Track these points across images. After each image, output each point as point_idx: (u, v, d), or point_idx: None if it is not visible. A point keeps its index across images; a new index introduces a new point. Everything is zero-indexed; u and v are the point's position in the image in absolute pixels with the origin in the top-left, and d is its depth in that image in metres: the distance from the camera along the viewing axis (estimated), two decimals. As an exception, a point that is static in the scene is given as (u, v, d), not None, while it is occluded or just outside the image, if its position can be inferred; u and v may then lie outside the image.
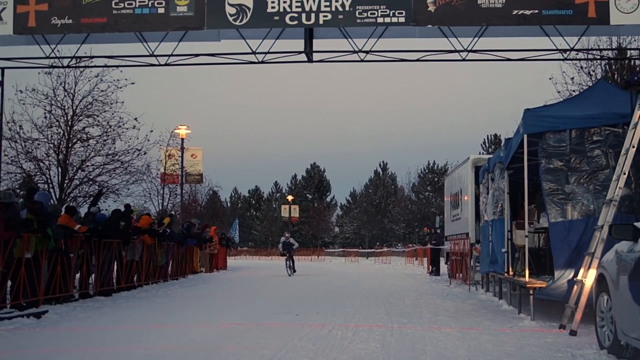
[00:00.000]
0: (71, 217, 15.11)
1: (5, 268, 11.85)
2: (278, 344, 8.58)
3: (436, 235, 29.40)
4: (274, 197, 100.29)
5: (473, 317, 11.92)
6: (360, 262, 52.90)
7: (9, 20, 11.36)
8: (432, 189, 76.08)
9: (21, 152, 21.88)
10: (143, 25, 11.70)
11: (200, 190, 51.24)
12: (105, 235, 16.39)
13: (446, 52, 12.09)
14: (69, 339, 9.56)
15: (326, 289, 19.87)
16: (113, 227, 16.88)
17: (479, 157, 22.30)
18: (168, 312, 13.03)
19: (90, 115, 22.81)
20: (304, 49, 12.24)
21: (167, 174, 36.26)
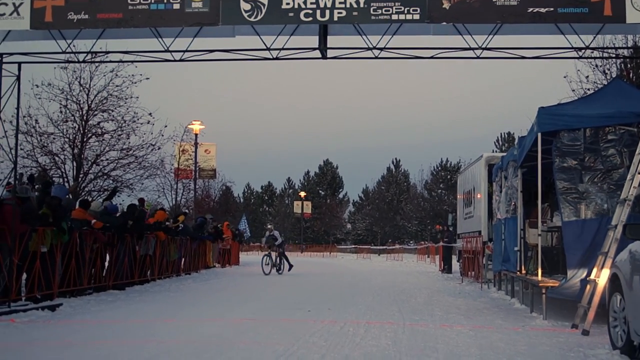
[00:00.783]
0: (85, 211, 15.22)
1: (21, 261, 11.97)
2: (290, 340, 8.63)
3: (448, 233, 29.36)
4: (286, 193, 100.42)
5: (485, 316, 11.92)
6: (372, 259, 52.88)
7: (26, 15, 11.42)
8: (445, 187, 75.85)
9: (37, 146, 22.08)
10: (158, 20, 11.71)
11: (213, 186, 51.43)
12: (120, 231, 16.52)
13: (460, 50, 12.02)
14: (83, 332, 9.65)
15: (338, 285, 19.90)
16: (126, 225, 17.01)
17: (492, 155, 22.25)
18: (181, 307, 13.10)
19: (105, 110, 22.96)
20: (319, 46, 12.22)
21: (180, 169, 36.40)
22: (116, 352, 7.83)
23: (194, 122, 36.49)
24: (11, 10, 11.39)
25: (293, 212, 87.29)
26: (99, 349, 8.02)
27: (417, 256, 48.33)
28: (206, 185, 48.50)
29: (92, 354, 7.72)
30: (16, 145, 12.65)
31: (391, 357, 7.52)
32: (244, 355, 7.59)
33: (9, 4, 11.39)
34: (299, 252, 71.93)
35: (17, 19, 11.41)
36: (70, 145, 22.35)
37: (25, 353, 7.84)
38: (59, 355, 7.68)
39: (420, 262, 42.78)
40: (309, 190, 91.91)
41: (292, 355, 7.54)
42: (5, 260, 11.42)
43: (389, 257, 53.37)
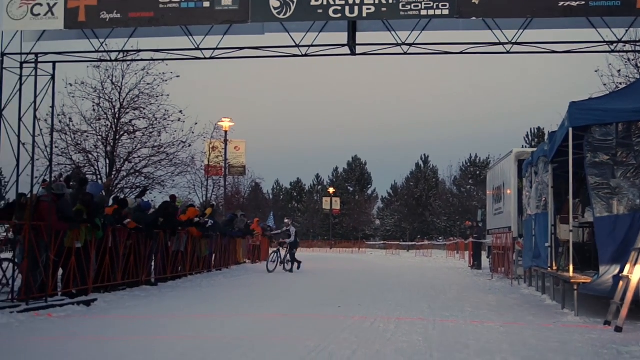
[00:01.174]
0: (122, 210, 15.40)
1: (57, 257, 12.18)
2: (321, 336, 8.68)
3: (478, 229, 29.20)
4: (315, 189, 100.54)
5: (516, 312, 11.87)
6: (401, 255, 52.78)
7: (60, 16, 11.60)
8: (474, 183, 75.37)
9: (71, 144, 22.38)
10: (189, 19, 11.82)
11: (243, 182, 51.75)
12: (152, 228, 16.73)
13: (490, 45, 11.95)
14: (118, 327, 9.81)
15: (367, 281, 19.91)
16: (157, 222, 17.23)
17: (522, 150, 22.09)
18: (212, 302, 13.23)
19: (136, 108, 23.19)
20: (347, 42, 12.23)
21: (211, 166, 36.66)
22: (150, 347, 7.96)
23: (224, 119, 36.67)
24: (46, 10, 11.59)
25: (322, 209, 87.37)
26: (134, 344, 8.16)
27: (446, 252, 48.16)
28: (236, 181, 48.83)
29: (127, 348, 7.85)
30: (51, 144, 12.85)
31: (422, 353, 7.54)
32: (276, 350, 7.66)
33: (44, 5, 11.59)
34: (328, 248, 72.03)
35: (51, 19, 11.60)
36: (103, 143, 22.64)
37: (63, 347, 7.99)
38: (95, 349, 7.83)
39: (450, 258, 42.61)
40: (338, 186, 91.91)
41: (324, 351, 7.59)
42: (42, 256, 11.65)
43: (418, 253, 53.23)
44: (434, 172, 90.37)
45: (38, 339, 8.60)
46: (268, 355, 7.39)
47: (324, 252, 62.98)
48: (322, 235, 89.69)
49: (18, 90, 11.67)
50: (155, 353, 7.49)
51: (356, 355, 7.36)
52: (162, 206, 18.41)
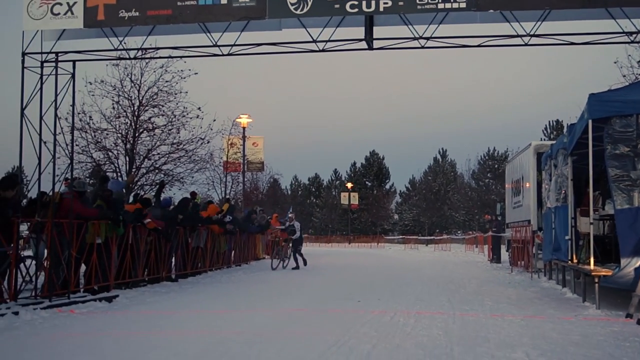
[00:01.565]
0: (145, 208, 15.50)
1: (79, 254, 12.31)
2: (341, 330, 8.70)
3: (497, 223, 29.11)
4: (333, 184, 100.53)
5: (536, 305, 11.84)
6: (420, 250, 52.69)
7: (79, 14, 11.70)
8: (492, 176, 75.03)
9: (91, 141, 22.60)
10: (207, 16, 11.87)
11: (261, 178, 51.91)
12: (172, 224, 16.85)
13: (508, 37, 11.89)
14: (139, 322, 9.90)
15: (386, 276, 19.92)
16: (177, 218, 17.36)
17: (540, 143, 21.98)
18: (232, 298, 13.31)
19: (155, 105, 23.34)
20: (364, 37, 12.22)
21: (229, 162, 36.80)
22: (172, 342, 8.02)
23: (242, 115, 36.81)
24: (65, 9, 11.69)
25: (340, 204, 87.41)
26: (156, 339, 8.23)
27: (465, 246, 48.03)
28: (254, 177, 48.96)
29: (149, 343, 7.93)
30: (72, 142, 13.00)
31: (443, 347, 7.54)
32: (296, 345, 7.68)
33: (63, 4, 11.69)
34: (347, 243, 72.07)
35: (71, 18, 11.70)
36: (123, 141, 22.82)
37: (86, 343, 8.09)
38: (118, 345, 7.91)
39: (469, 252, 42.49)
40: (356, 181, 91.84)
41: (344, 346, 7.60)
42: (64, 252, 11.78)
43: (436, 247, 53.11)
44: (452, 166, 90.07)
45: (61, 334, 8.69)
46: (288, 349, 7.43)
47: (343, 247, 63.00)
48: (341, 230, 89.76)
49: (39, 89, 11.78)
50: (176, 348, 7.55)
51: (376, 350, 7.38)
52: (182, 203, 18.52)
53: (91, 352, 7.39)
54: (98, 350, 7.51)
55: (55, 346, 7.86)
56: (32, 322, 9.52)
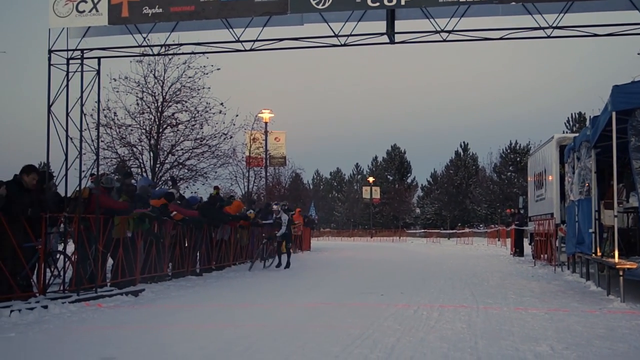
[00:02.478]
0: (169, 203, 15.65)
1: (105, 249, 12.48)
2: (364, 324, 8.74)
3: (519, 216, 28.99)
4: (355, 178, 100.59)
5: (560, 299, 11.81)
6: (442, 243, 52.58)
7: (104, 12, 11.83)
8: (514, 169, 74.64)
9: (116, 137, 22.85)
10: (229, 11, 11.94)
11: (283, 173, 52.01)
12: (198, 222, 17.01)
13: (530, 30, 11.84)
14: (165, 316, 10.02)
15: (409, 269, 19.94)
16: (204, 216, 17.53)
17: (563, 136, 21.86)
18: (256, 292, 13.41)
19: (179, 101, 23.51)
20: (386, 31, 12.21)
21: (251, 157, 36.94)
22: (197, 335, 8.11)
23: (264, 110, 36.93)
24: (90, 7, 11.83)
25: (362, 198, 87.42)
26: (182, 333, 8.33)
27: (487, 240, 47.85)
28: (277, 172, 49.10)
29: (175, 337, 8.03)
30: (98, 138, 13.13)
31: (467, 341, 7.55)
32: (320, 339, 7.71)
33: (88, 2, 11.82)
34: (369, 237, 72.07)
35: (95, 15, 11.84)
36: (147, 136, 23.02)
37: (113, 336, 8.21)
38: (144, 337, 8.03)
39: (491, 245, 42.32)
40: (377, 175, 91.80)
41: (368, 339, 7.63)
42: (91, 248, 11.94)
43: (458, 241, 52.97)
44: (474, 160, 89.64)
45: (89, 328, 8.84)
46: (312, 343, 7.47)
47: (365, 241, 63.02)
48: (362, 224, 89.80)
49: (65, 86, 11.93)
50: (202, 341, 7.65)
51: (400, 343, 7.40)
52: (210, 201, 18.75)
53: (119, 345, 7.50)
54: (125, 343, 7.63)
55: (84, 339, 8.00)
56: (61, 316, 9.68)
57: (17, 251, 10.13)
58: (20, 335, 8.13)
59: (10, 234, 9.93)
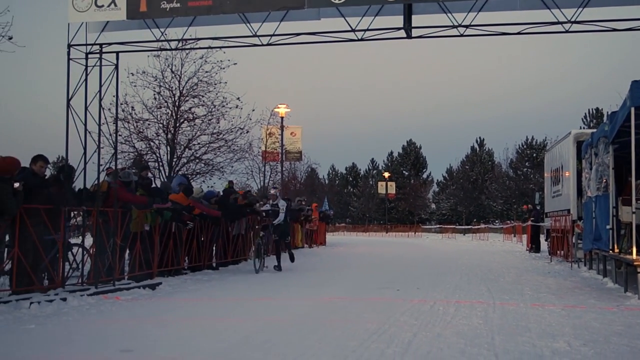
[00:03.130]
0: (187, 197, 15.74)
1: (123, 242, 12.57)
2: (381, 319, 8.75)
3: (535, 212, 28.87)
4: (370, 174, 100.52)
5: (577, 295, 11.75)
6: (458, 239, 52.46)
7: (122, 6, 11.91)
8: (531, 165, 74.31)
9: (133, 132, 22.96)
10: (246, 6, 11.98)
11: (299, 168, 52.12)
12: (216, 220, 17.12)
13: (549, 24, 11.77)
14: (182, 309, 10.09)
15: (425, 265, 19.93)
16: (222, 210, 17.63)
17: (580, 131, 21.72)
18: (272, 286, 13.45)
19: (195, 95, 23.57)
20: (403, 25, 12.20)
21: (268, 152, 37.01)
22: (215, 329, 8.17)
23: (280, 105, 36.98)
24: (109, 1, 11.90)
25: (377, 193, 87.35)
26: (199, 326, 8.39)
27: (503, 236, 47.66)
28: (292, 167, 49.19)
29: (193, 330, 8.08)
30: (116, 132, 13.21)
31: (483, 336, 7.54)
32: (337, 333, 7.73)
33: (107, -4, 11.91)
34: (384, 232, 72.02)
35: (114, 10, 11.91)
36: (164, 131, 23.12)
37: (131, 328, 8.28)
38: (162, 330, 8.09)
39: (507, 241, 42.17)
40: (393, 170, 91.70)
41: (384, 334, 7.65)
42: (109, 241, 12.03)
43: (474, 236, 52.81)
44: (490, 155, 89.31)
45: (108, 320, 8.91)
46: (329, 337, 7.49)
47: (380, 237, 63.00)
48: (378, 219, 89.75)
49: (84, 80, 12.02)
50: (220, 335, 7.69)
51: (417, 338, 7.41)
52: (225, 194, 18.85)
53: (137, 338, 7.57)
54: (143, 336, 7.69)
55: (103, 331, 8.07)
56: (80, 308, 9.77)
57: (37, 244, 10.22)
58: (39, 327, 8.23)
59: (30, 227, 10.02)
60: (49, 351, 6.86)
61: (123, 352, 6.72)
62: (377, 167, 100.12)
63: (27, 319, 8.80)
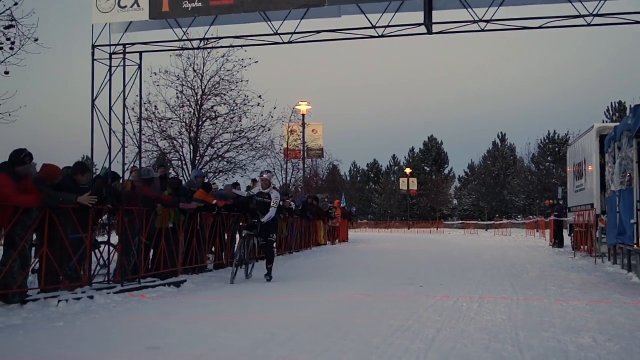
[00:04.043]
0: (207, 193, 15.86)
1: (148, 240, 12.69)
2: (405, 315, 8.76)
3: (558, 207, 28.70)
4: (392, 170, 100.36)
5: (601, 290, 11.69)
6: (480, 235, 52.22)
7: (145, 7, 12.02)
8: (553, 160, 73.77)
9: (157, 131, 23.21)
10: (267, 5, 12.04)
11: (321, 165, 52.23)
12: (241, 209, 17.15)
13: (570, 18, 11.69)
14: (207, 307, 10.18)
15: (447, 261, 19.89)
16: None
17: (604, 125, 21.57)
18: (296, 283, 13.49)
19: (218, 94, 23.77)
20: (424, 21, 12.17)
21: (289, 150, 37.18)
22: (240, 326, 8.22)
23: (301, 102, 37.08)
24: (132, 2, 12.03)
25: (399, 189, 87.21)
26: (224, 323, 8.45)
27: (525, 231, 47.39)
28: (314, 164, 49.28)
29: (218, 327, 8.15)
30: (140, 131, 13.35)
31: (508, 332, 7.54)
32: (360, 330, 7.74)
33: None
34: (406, 228, 71.89)
35: (137, 10, 12.03)
36: (187, 129, 23.33)
37: (158, 326, 8.36)
38: (187, 328, 8.16)
39: (530, 237, 41.92)
40: (414, 166, 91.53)
41: (408, 330, 7.65)
42: (135, 239, 12.16)
43: (496, 232, 52.56)
44: (512, 150, 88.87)
45: (134, 318, 9.01)
46: (353, 334, 7.51)
47: (402, 233, 62.88)
48: (400, 215, 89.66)
49: (108, 80, 12.15)
50: (245, 332, 7.76)
51: (441, 334, 7.41)
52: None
53: (163, 335, 7.65)
54: (170, 333, 7.77)
55: (130, 329, 8.17)
56: (107, 306, 9.90)
57: (65, 243, 10.37)
58: (68, 324, 8.35)
59: (59, 226, 10.17)
60: (77, 349, 6.96)
61: (150, 349, 6.80)
62: (398, 163, 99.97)
63: (56, 316, 8.94)
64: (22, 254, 9.63)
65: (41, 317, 8.85)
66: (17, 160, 9.58)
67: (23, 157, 9.60)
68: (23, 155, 9.61)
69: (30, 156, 9.75)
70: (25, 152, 9.66)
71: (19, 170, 9.57)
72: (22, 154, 9.63)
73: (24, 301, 9.53)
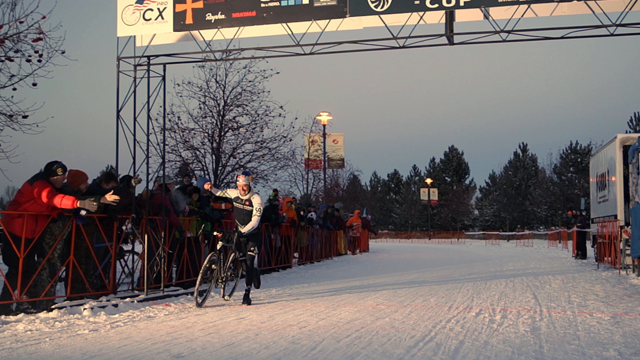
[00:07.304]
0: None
1: (171, 249, 12.79)
2: (427, 326, 8.77)
3: (581, 218, 28.46)
4: (412, 180, 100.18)
5: (626, 302, 11.58)
6: (501, 245, 51.90)
7: (169, 19, 12.19)
8: (575, 170, 73.21)
9: (180, 141, 23.42)
10: (289, 16, 12.15)
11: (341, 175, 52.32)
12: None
13: (593, 28, 11.67)
14: (229, 315, 10.22)
15: (469, 272, 19.80)
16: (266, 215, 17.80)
17: (627, 135, 21.39)
18: (316, 293, 13.52)
19: (239, 105, 23.95)
20: (445, 32, 12.22)
21: (310, 160, 37.31)
22: (261, 334, 8.27)
23: (322, 113, 37.18)
24: (156, 15, 12.20)
25: (419, 199, 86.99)
26: (246, 331, 8.50)
27: (547, 242, 47.03)
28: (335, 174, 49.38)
29: (240, 335, 8.20)
30: (164, 141, 13.49)
31: (531, 344, 7.50)
32: (383, 340, 7.77)
33: (154, 9, 12.20)
34: (427, 239, 71.65)
35: (161, 23, 12.20)
36: (210, 140, 23.52)
37: (181, 334, 8.41)
38: (210, 336, 8.21)
39: (552, 247, 41.61)
40: (435, 176, 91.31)
41: (431, 341, 7.66)
42: (158, 248, 12.27)
43: (518, 243, 52.25)
44: (533, 161, 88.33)
45: (158, 326, 9.07)
46: (375, 344, 7.52)
47: (423, 243, 62.69)
48: (420, 226, 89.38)
49: (133, 91, 12.31)
50: (266, 340, 7.79)
51: (464, 346, 7.40)
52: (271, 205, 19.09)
53: (187, 344, 7.70)
54: (193, 342, 7.82)
55: (154, 337, 8.23)
56: (131, 314, 10.01)
57: (90, 251, 10.50)
58: (93, 332, 8.44)
59: (84, 235, 10.29)
60: (102, 357, 7.04)
61: (174, 358, 6.86)
62: (419, 173, 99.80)
63: (81, 324, 9.05)
64: (51, 262, 9.78)
65: (67, 325, 8.96)
66: (50, 171, 9.76)
67: (55, 169, 9.78)
68: (55, 166, 9.80)
69: (64, 167, 9.93)
70: (58, 164, 9.85)
71: (53, 181, 9.75)
72: (55, 165, 9.80)
73: (51, 308, 9.66)
